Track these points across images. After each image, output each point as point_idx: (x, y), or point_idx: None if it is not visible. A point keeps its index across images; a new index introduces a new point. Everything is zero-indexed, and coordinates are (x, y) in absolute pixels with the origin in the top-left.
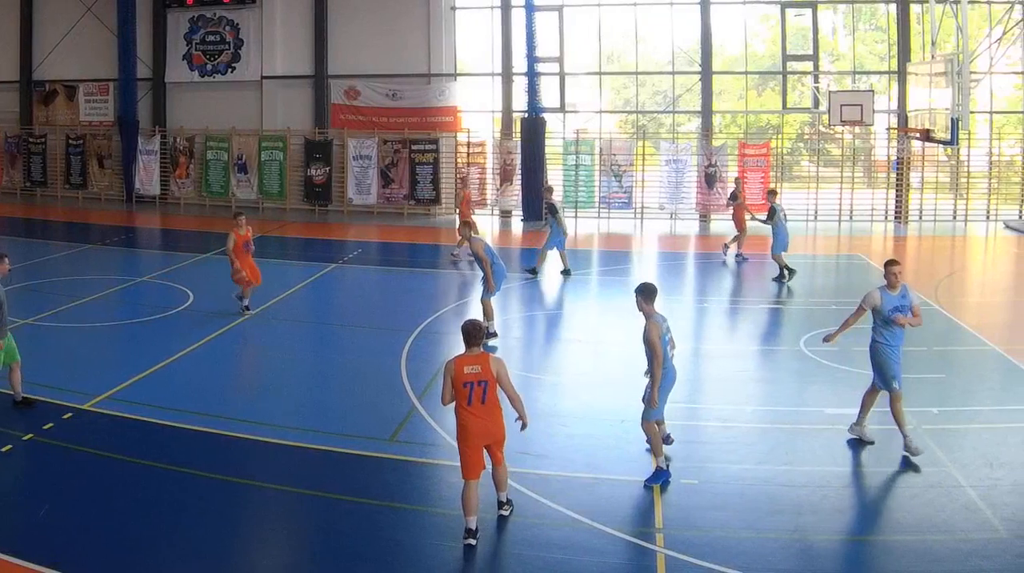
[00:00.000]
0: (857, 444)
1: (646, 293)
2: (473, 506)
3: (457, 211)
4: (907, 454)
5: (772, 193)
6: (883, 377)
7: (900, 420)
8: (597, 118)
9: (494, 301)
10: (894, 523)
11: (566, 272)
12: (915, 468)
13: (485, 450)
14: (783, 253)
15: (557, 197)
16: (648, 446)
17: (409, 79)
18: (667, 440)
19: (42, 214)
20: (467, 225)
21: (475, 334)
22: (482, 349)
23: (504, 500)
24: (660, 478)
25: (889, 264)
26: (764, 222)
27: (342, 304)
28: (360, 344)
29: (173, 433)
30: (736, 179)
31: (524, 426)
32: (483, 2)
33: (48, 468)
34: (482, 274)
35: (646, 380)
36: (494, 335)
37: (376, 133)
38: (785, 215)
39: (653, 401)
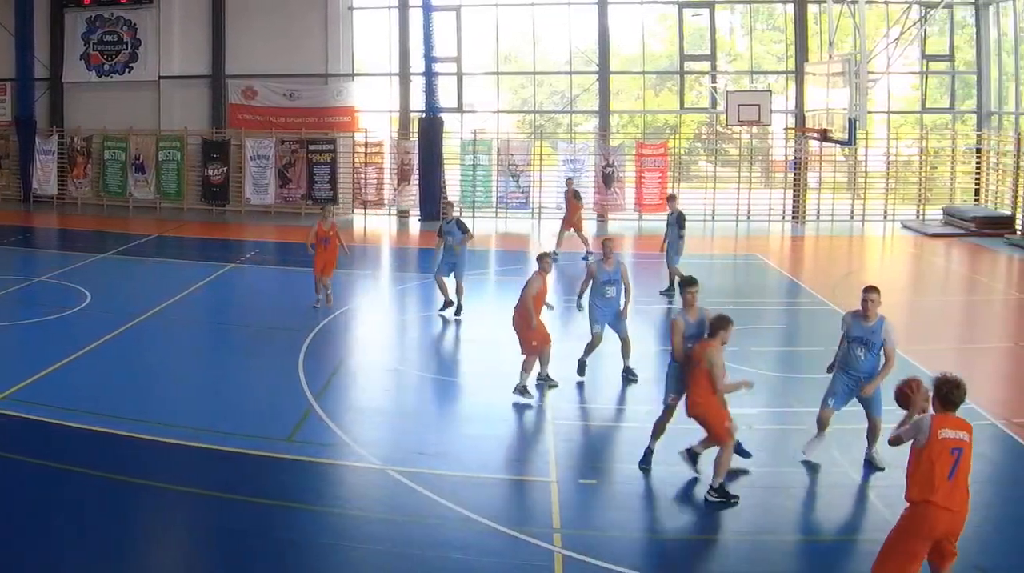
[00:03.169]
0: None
1: None
2: None
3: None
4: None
5: (672, 198)
6: None
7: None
8: (495, 118)
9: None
10: (794, 523)
11: None
12: (814, 468)
13: None
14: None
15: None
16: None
17: (306, 79)
18: None
19: None
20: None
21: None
22: None
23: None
24: None
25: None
26: (678, 231)
27: (239, 304)
28: (258, 344)
29: (71, 433)
30: (568, 179)
31: None
32: (381, 2)
33: None
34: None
35: None
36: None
37: (273, 133)
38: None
39: None
